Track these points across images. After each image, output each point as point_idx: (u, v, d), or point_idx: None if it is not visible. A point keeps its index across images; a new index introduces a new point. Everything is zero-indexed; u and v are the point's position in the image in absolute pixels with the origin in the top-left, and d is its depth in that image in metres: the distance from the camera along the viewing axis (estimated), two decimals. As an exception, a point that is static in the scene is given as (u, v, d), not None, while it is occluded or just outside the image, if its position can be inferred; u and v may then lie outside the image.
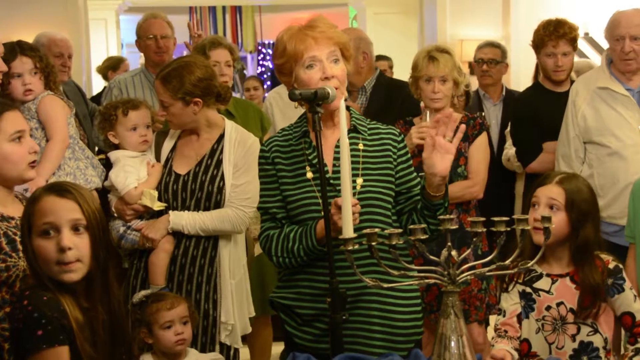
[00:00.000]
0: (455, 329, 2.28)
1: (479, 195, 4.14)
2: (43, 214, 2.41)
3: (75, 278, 2.42)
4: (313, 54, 2.80)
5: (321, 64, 2.79)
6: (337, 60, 2.83)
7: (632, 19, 4.21)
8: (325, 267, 2.64)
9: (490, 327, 5.19)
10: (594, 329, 3.04)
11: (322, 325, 2.85)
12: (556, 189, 3.05)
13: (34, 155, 2.88)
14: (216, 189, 3.60)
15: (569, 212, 3.04)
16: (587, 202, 3.09)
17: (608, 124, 4.20)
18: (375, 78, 4.93)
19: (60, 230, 2.40)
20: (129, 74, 5.21)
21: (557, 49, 4.66)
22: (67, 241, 2.39)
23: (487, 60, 5.76)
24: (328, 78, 2.77)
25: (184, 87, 3.56)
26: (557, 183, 3.07)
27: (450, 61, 4.08)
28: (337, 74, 2.80)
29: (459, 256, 2.30)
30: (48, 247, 2.40)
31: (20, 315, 2.33)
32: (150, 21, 5.19)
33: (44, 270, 2.41)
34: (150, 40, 5.12)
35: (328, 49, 2.81)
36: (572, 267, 3.08)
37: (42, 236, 2.41)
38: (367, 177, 2.84)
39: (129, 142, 3.80)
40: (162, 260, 3.60)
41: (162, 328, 3.31)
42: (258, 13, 14.51)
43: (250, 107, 4.90)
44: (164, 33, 5.13)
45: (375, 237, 2.31)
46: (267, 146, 2.98)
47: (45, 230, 2.41)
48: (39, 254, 2.41)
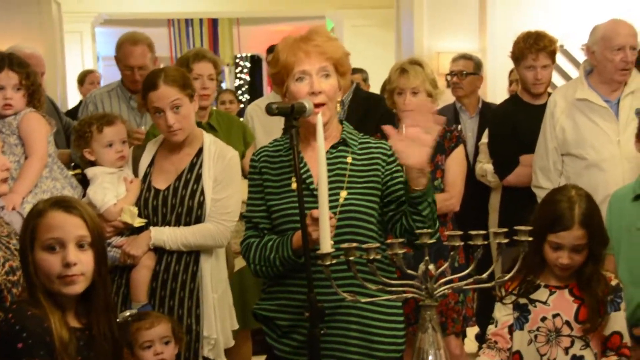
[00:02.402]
0: (433, 342, 2.29)
1: (456, 208, 4.16)
2: (49, 229, 2.42)
3: (78, 290, 2.43)
4: (303, 68, 2.80)
5: (310, 79, 2.79)
6: (328, 75, 2.81)
7: (630, 29, 4.23)
8: (303, 278, 2.64)
9: (467, 339, 5.21)
10: (586, 343, 3.05)
11: (300, 337, 2.85)
12: (580, 232, 3.03)
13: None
14: (196, 203, 3.58)
15: (591, 246, 3.06)
16: (601, 225, 3.14)
17: (586, 136, 4.21)
18: (352, 92, 4.92)
19: (66, 246, 2.41)
20: (104, 89, 5.06)
21: (537, 61, 4.65)
22: (73, 257, 2.40)
23: (457, 73, 5.79)
24: (315, 93, 2.77)
25: (186, 81, 3.60)
26: (580, 225, 3.03)
27: (421, 73, 4.09)
28: (326, 89, 2.79)
29: (436, 269, 2.30)
30: (52, 262, 2.40)
31: (4, 328, 2.33)
32: (129, 49, 4.88)
33: (43, 283, 2.40)
34: (127, 70, 4.89)
35: (319, 64, 2.80)
36: (573, 280, 3.10)
37: (46, 250, 2.41)
38: (351, 191, 2.84)
39: (105, 159, 3.77)
40: (144, 277, 3.58)
41: (142, 348, 3.25)
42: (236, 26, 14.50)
43: (234, 121, 4.89)
44: (142, 64, 4.85)
45: (353, 252, 2.31)
46: (256, 156, 2.99)
47: (50, 245, 2.41)
48: (41, 267, 2.41)
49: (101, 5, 10.93)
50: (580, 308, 3.07)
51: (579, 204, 3.06)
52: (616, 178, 4.04)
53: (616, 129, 4.13)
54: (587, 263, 3.06)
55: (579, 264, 3.05)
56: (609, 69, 4.22)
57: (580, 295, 3.09)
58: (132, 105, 4.84)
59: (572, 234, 3.02)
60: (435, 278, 2.30)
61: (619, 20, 4.28)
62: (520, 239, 2.32)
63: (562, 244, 3.04)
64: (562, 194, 3.15)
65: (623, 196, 3.63)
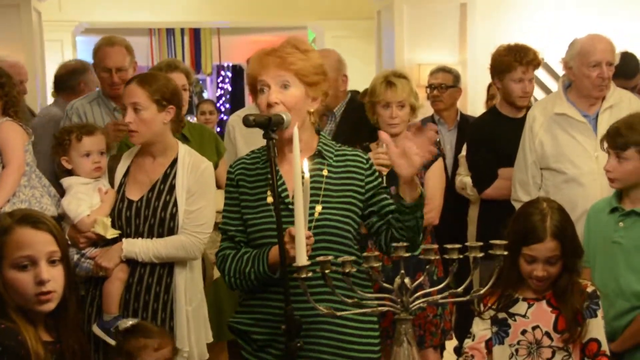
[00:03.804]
0: (408, 356, 2.28)
1: (435, 221, 4.15)
2: (18, 247, 2.38)
3: (52, 307, 2.41)
4: (261, 78, 2.79)
5: (269, 90, 2.78)
6: (287, 86, 2.78)
7: (607, 45, 4.22)
8: (279, 292, 2.64)
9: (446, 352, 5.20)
10: (568, 353, 3.06)
11: (275, 352, 2.84)
12: (552, 244, 3.05)
13: None
14: (169, 215, 3.55)
15: (565, 258, 3.08)
16: (574, 237, 3.16)
17: (565, 151, 4.22)
18: (345, 103, 4.86)
19: (38, 263, 2.38)
20: (85, 100, 4.86)
21: (527, 74, 4.65)
22: (46, 274, 2.37)
23: (437, 86, 5.79)
24: (271, 104, 2.75)
25: (161, 90, 3.55)
26: (552, 236, 3.05)
27: (407, 86, 4.11)
28: (284, 99, 2.76)
29: (412, 283, 2.30)
30: (25, 280, 2.37)
31: None
32: (106, 50, 4.74)
33: (14, 301, 2.37)
34: (105, 73, 4.72)
35: (276, 74, 2.78)
36: (549, 291, 3.11)
37: (17, 269, 2.37)
38: (326, 205, 2.82)
39: (81, 169, 3.75)
40: (116, 289, 3.55)
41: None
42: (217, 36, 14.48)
43: (206, 131, 4.85)
44: (120, 65, 4.70)
45: (328, 265, 2.30)
46: (233, 168, 2.97)
47: (21, 263, 2.37)
48: (12, 286, 2.37)
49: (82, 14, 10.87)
50: (558, 318, 3.08)
51: (550, 216, 3.08)
52: (595, 192, 4.03)
53: (594, 144, 4.13)
54: (561, 275, 3.07)
55: (554, 275, 3.07)
56: (586, 85, 4.22)
57: (557, 305, 3.10)
58: (117, 116, 4.65)
59: (544, 246, 3.04)
60: (411, 291, 2.29)
61: (597, 36, 4.29)
62: (495, 253, 2.32)
63: (535, 256, 3.05)
64: (534, 206, 3.16)
65: (600, 209, 3.64)
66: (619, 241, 3.50)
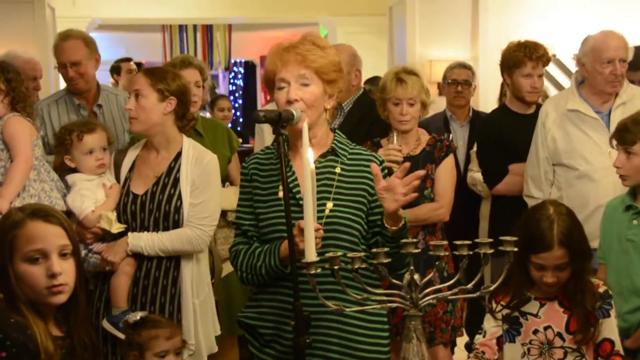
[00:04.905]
0: (417, 353, 2.28)
1: (445, 218, 4.13)
2: (30, 240, 2.39)
3: (64, 299, 2.42)
4: (282, 76, 2.79)
5: (288, 87, 2.78)
6: (307, 83, 2.78)
7: (620, 42, 4.21)
8: (289, 287, 2.64)
9: (457, 348, 5.20)
10: (581, 354, 3.04)
11: (280, 347, 2.85)
12: (560, 252, 3.00)
13: None
14: (173, 208, 3.56)
15: (574, 263, 3.03)
16: (583, 241, 3.09)
17: (577, 147, 4.21)
18: (355, 99, 4.82)
19: (49, 256, 2.39)
20: (52, 98, 4.71)
21: (536, 70, 4.63)
22: (58, 267, 2.38)
23: (461, 82, 5.77)
24: (290, 101, 2.76)
25: (165, 81, 3.58)
26: (560, 244, 3.00)
27: (418, 83, 4.09)
28: (304, 97, 2.77)
29: (422, 279, 2.29)
30: (37, 273, 2.37)
31: None
32: (60, 45, 4.55)
33: (26, 294, 2.38)
34: (62, 69, 4.55)
35: (297, 71, 2.78)
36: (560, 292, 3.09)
37: (28, 262, 2.38)
38: (337, 202, 2.82)
39: (85, 166, 3.77)
40: (123, 283, 3.57)
41: (157, 356, 3.26)
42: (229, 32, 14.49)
43: (219, 126, 4.86)
44: (75, 59, 4.51)
45: (337, 260, 2.30)
46: (247, 163, 2.98)
47: (33, 257, 2.38)
48: (24, 279, 2.38)
49: (95, 11, 10.90)
50: (570, 319, 3.07)
51: (557, 223, 3.02)
52: (607, 189, 4.02)
53: (607, 141, 4.10)
54: (571, 279, 3.04)
55: (565, 279, 3.03)
56: (598, 81, 4.21)
57: (569, 306, 3.08)
58: (82, 114, 4.58)
59: (552, 254, 3.00)
60: (420, 288, 2.29)
61: (610, 32, 4.26)
62: (505, 249, 2.31)
63: (544, 264, 3.02)
64: (541, 212, 3.10)
65: (616, 206, 3.62)
66: (633, 239, 3.48)
